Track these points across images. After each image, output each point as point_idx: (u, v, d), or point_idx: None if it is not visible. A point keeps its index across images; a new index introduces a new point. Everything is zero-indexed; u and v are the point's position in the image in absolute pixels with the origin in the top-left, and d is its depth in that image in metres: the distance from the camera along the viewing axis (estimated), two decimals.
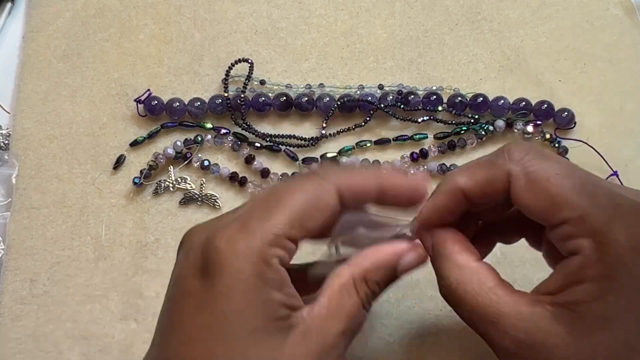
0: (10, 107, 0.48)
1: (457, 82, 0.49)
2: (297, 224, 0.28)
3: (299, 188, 0.30)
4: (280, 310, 0.28)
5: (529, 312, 0.28)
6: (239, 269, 0.27)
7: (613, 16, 0.51)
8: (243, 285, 0.27)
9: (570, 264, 0.28)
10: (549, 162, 0.29)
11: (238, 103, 0.47)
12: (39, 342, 0.43)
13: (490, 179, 0.30)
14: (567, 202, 0.27)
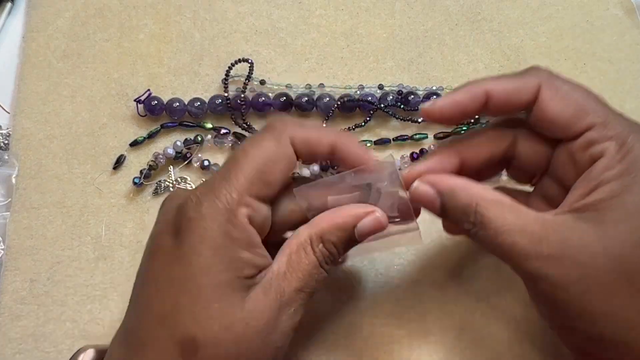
0: (10, 107, 0.48)
1: (457, 82, 0.49)
2: (257, 181, 0.30)
3: (257, 145, 0.31)
4: (247, 269, 0.29)
5: (553, 218, 0.30)
6: (206, 228, 0.29)
7: (613, 16, 0.51)
8: (210, 242, 0.29)
9: (594, 169, 0.30)
10: (570, 81, 0.32)
11: (238, 103, 0.47)
12: (39, 342, 0.43)
13: (519, 87, 0.31)
14: (593, 109, 0.31)
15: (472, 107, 0.32)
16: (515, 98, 0.32)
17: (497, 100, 0.32)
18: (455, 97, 0.32)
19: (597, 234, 0.29)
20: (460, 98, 0.32)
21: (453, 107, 0.32)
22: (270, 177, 0.30)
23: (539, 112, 0.31)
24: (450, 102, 0.32)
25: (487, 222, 0.30)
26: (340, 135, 0.33)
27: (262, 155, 0.30)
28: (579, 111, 0.31)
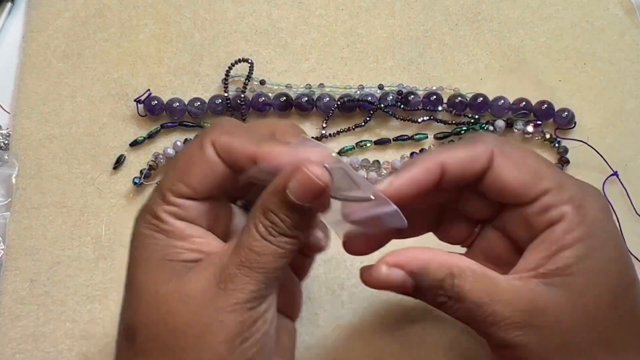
0: (10, 107, 0.48)
1: (457, 82, 0.49)
2: (177, 181, 0.30)
3: (183, 150, 0.32)
4: (186, 254, 0.30)
5: (522, 284, 0.29)
6: (140, 228, 0.31)
7: (613, 16, 0.51)
8: (142, 240, 0.30)
9: (553, 233, 0.30)
10: (518, 146, 0.32)
11: (238, 103, 0.47)
12: (39, 342, 0.43)
13: (472, 157, 0.31)
14: (547, 173, 0.30)
15: (429, 182, 0.31)
16: (470, 168, 0.31)
17: (452, 172, 0.31)
18: (413, 174, 0.31)
19: (572, 301, 0.29)
20: (416, 175, 0.31)
21: (411, 186, 0.31)
22: (191, 180, 0.30)
23: (492, 179, 0.31)
24: (406, 181, 0.31)
25: (464, 295, 0.29)
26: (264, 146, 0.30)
27: (185, 157, 0.31)
28: (533, 176, 0.30)
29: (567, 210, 0.29)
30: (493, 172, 0.31)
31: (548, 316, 0.29)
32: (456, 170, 0.31)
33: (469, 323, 0.30)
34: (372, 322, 0.43)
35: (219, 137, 0.30)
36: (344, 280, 0.44)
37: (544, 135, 0.47)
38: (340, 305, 0.43)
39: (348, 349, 0.43)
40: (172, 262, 0.30)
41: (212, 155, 0.30)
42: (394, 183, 0.31)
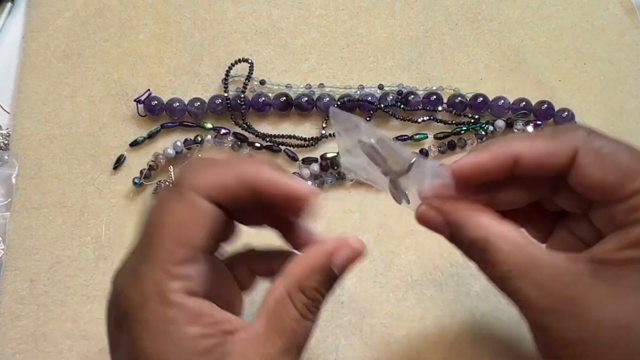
0: (10, 107, 0.48)
1: (457, 82, 0.49)
2: (179, 248, 0.27)
3: (165, 212, 0.27)
4: (203, 342, 0.26)
5: (567, 266, 0.28)
6: (141, 318, 0.26)
7: (613, 16, 0.51)
8: (151, 333, 0.26)
9: (633, 231, 0.27)
10: (612, 140, 0.29)
11: (238, 103, 0.47)
12: (39, 342, 0.43)
13: (553, 151, 0.29)
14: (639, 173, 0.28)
15: (496, 172, 0.29)
16: (547, 163, 0.29)
17: (526, 164, 0.29)
18: (479, 159, 0.29)
19: (610, 297, 0.27)
20: (485, 161, 0.29)
21: (475, 171, 0.29)
22: (190, 242, 0.27)
23: (576, 177, 0.29)
24: (471, 165, 0.29)
25: (495, 263, 0.28)
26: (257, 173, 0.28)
27: (172, 223, 0.27)
28: (622, 177, 0.28)
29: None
30: (577, 171, 0.28)
31: (578, 307, 0.27)
32: (531, 164, 0.29)
33: (499, 289, 0.29)
34: (372, 322, 0.43)
35: (195, 181, 0.28)
36: (344, 281, 0.44)
37: None
38: (340, 305, 0.43)
39: (348, 348, 0.43)
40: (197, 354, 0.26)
41: (205, 206, 0.27)
42: (458, 163, 0.30)
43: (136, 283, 0.27)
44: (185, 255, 0.27)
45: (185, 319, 0.26)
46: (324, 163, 0.46)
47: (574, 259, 0.28)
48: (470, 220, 0.29)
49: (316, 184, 0.46)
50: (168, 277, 0.26)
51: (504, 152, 0.29)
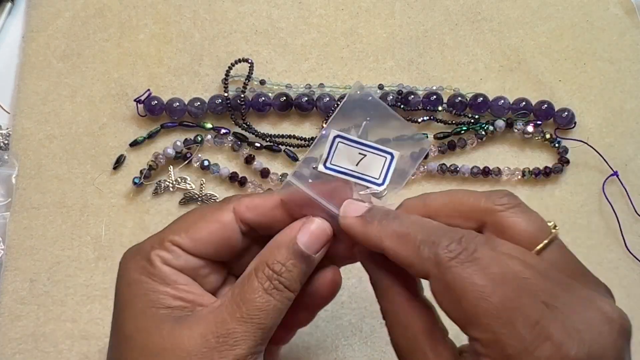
0: (10, 107, 0.48)
1: (457, 82, 0.49)
2: (182, 232, 0.30)
3: (199, 209, 0.32)
4: (170, 300, 0.29)
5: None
6: (127, 268, 0.30)
7: (613, 16, 0.51)
8: (126, 280, 0.30)
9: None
10: (476, 269, 0.25)
11: (238, 103, 0.47)
12: (39, 342, 0.43)
13: (412, 262, 0.27)
14: (482, 322, 0.25)
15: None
16: (408, 268, 0.28)
17: (392, 256, 0.28)
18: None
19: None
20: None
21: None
22: (195, 234, 0.30)
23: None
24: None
25: (391, 336, 0.29)
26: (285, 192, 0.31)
27: (197, 214, 0.31)
28: (462, 319, 0.26)
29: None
30: (431, 288, 0.27)
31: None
32: (397, 259, 0.29)
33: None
34: (372, 322, 0.43)
35: (239, 201, 0.31)
36: (344, 281, 0.44)
37: (544, 135, 0.47)
38: (340, 305, 0.43)
39: (348, 349, 0.43)
40: (158, 309, 0.29)
41: (228, 217, 0.31)
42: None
43: (141, 244, 0.31)
44: (183, 242, 0.30)
45: (161, 279, 0.30)
46: None
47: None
48: (385, 293, 0.30)
49: None
50: (160, 247, 0.30)
51: (378, 241, 0.29)
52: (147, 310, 0.29)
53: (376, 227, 0.29)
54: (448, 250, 0.26)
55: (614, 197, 0.46)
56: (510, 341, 0.24)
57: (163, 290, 0.30)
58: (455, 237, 0.26)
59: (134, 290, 0.30)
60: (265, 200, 0.32)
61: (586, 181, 0.47)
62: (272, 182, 0.47)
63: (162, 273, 0.30)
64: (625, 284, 0.45)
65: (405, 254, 0.27)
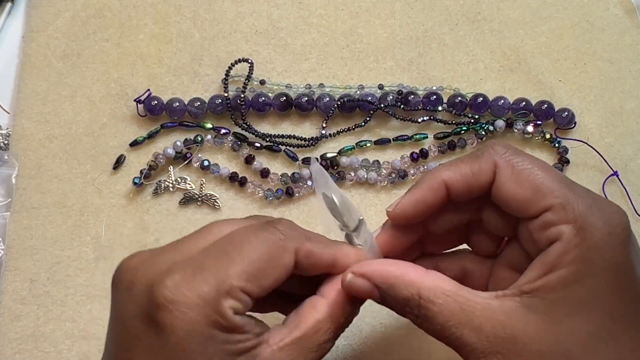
0: (10, 107, 0.48)
1: (457, 82, 0.49)
2: (252, 278, 0.28)
3: (259, 241, 0.29)
4: (241, 345, 0.28)
5: (498, 305, 0.28)
6: (190, 320, 0.26)
7: (613, 16, 0.51)
8: (197, 336, 0.26)
9: (549, 252, 0.28)
10: (529, 156, 0.30)
11: (238, 103, 0.47)
12: (39, 342, 0.43)
13: (476, 171, 0.30)
14: (551, 190, 0.29)
15: (434, 202, 0.31)
16: (474, 183, 0.30)
17: (456, 188, 0.31)
18: (416, 195, 0.31)
19: (545, 328, 0.27)
20: (421, 195, 0.31)
21: (416, 207, 0.31)
22: (265, 282, 0.28)
23: (496, 192, 0.30)
24: (412, 202, 0.31)
25: (432, 317, 0.29)
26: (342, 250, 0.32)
27: (265, 255, 0.29)
28: (535, 192, 0.29)
29: (565, 230, 0.28)
30: (496, 186, 0.30)
31: (517, 344, 0.28)
32: (461, 187, 0.31)
33: (442, 341, 0.30)
34: (372, 322, 0.43)
35: (303, 243, 0.30)
36: None
37: (544, 135, 0.47)
38: None
39: (348, 348, 0.43)
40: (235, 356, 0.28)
41: (291, 262, 0.29)
42: (400, 204, 0.32)
43: (198, 284, 0.27)
44: (252, 287, 0.28)
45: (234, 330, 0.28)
46: (324, 163, 0.46)
47: (503, 296, 0.29)
48: (399, 280, 0.30)
49: None
50: (231, 295, 0.27)
51: (435, 183, 0.31)
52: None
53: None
54: (501, 146, 0.30)
55: (614, 197, 0.46)
56: (578, 202, 0.28)
57: (237, 338, 0.28)
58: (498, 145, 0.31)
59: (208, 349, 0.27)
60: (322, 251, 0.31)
61: (586, 181, 0.47)
62: (272, 182, 0.47)
63: (235, 324, 0.27)
64: None
65: (470, 168, 0.31)
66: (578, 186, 0.30)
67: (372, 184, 0.47)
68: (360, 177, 0.47)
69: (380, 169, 0.47)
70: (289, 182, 0.46)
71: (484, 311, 0.28)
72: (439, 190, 0.31)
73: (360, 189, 0.47)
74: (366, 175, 0.46)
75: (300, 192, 0.46)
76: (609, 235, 0.28)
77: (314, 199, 0.33)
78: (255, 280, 0.28)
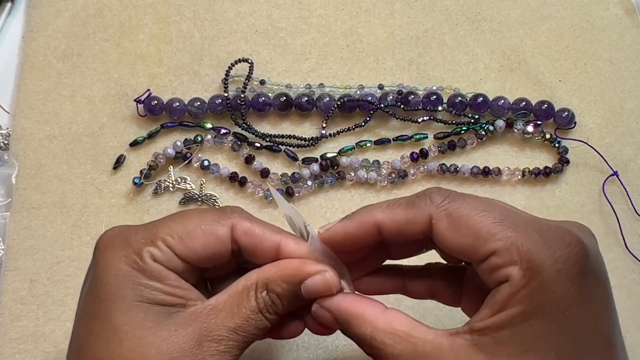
0: (10, 107, 0.48)
1: (457, 82, 0.49)
2: (179, 238, 0.31)
3: (200, 214, 0.32)
4: (159, 295, 0.30)
5: (449, 344, 0.28)
6: (113, 257, 0.30)
7: (613, 16, 0.51)
8: (114, 271, 0.30)
9: (499, 292, 0.28)
10: (468, 201, 0.29)
11: (238, 103, 0.47)
12: (39, 342, 0.43)
13: (410, 219, 0.30)
14: (492, 234, 0.28)
15: (364, 239, 0.31)
16: (407, 230, 0.30)
17: (389, 232, 0.30)
18: (347, 227, 0.31)
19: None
20: (351, 229, 0.31)
21: (344, 238, 0.31)
22: (191, 244, 0.31)
23: (437, 240, 0.30)
24: (341, 232, 0.31)
25: (383, 356, 0.29)
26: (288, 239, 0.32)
27: (194, 220, 0.31)
28: (476, 239, 0.28)
29: (512, 272, 0.27)
30: (435, 236, 0.30)
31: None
32: (394, 232, 0.30)
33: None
34: None
35: (240, 221, 0.32)
36: None
37: (544, 135, 0.47)
38: None
39: (348, 348, 0.43)
40: (150, 304, 0.30)
41: (225, 234, 0.31)
42: (330, 230, 0.32)
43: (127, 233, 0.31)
44: (178, 248, 0.31)
45: (149, 274, 0.30)
46: (324, 163, 0.46)
47: (455, 334, 0.29)
48: (356, 318, 0.30)
49: (316, 184, 0.46)
50: (151, 245, 0.30)
51: (367, 222, 0.31)
52: (138, 303, 0.30)
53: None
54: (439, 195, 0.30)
55: (614, 197, 0.46)
56: (523, 241, 0.28)
57: (155, 285, 0.30)
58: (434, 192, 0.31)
59: (123, 282, 0.30)
60: (264, 233, 0.32)
61: (586, 181, 0.47)
62: (272, 182, 0.47)
63: (152, 269, 0.30)
64: (625, 284, 0.45)
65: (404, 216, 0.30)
66: (524, 220, 0.29)
67: (372, 184, 0.47)
68: (360, 177, 0.47)
69: (380, 169, 0.47)
70: (289, 182, 0.46)
71: (433, 352, 0.28)
72: (370, 230, 0.31)
73: (360, 189, 0.47)
74: (366, 175, 0.46)
75: (300, 192, 0.46)
76: (558, 272, 0.27)
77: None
78: (182, 240, 0.31)
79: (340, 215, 0.45)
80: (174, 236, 0.31)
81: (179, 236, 0.31)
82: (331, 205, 0.46)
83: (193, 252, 0.31)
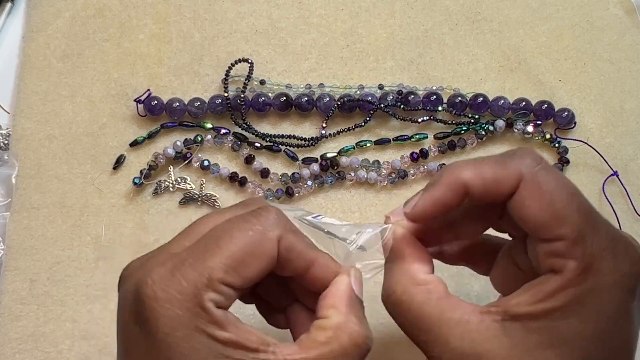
0: (10, 107, 0.48)
1: (457, 82, 0.49)
2: (232, 270, 0.27)
3: (239, 233, 0.28)
4: (229, 350, 0.27)
5: (476, 321, 0.28)
6: (173, 315, 0.26)
7: (613, 16, 0.51)
8: (181, 331, 0.26)
9: (547, 281, 0.27)
10: (558, 176, 0.28)
11: (238, 103, 0.47)
12: (39, 342, 0.43)
13: (499, 178, 0.28)
14: (570, 221, 0.27)
15: (453, 202, 0.29)
16: (495, 190, 0.28)
17: (474, 192, 0.29)
18: (434, 196, 0.29)
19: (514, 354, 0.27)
20: (439, 195, 0.29)
21: (434, 208, 0.30)
22: (246, 272, 0.27)
23: (514, 206, 0.28)
24: (429, 203, 0.30)
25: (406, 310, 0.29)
26: (321, 257, 0.30)
27: (245, 245, 0.28)
28: (553, 218, 0.27)
29: (570, 266, 0.27)
30: (516, 200, 0.28)
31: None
32: (479, 192, 0.29)
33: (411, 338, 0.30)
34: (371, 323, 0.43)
35: (287, 234, 0.29)
36: None
37: (544, 135, 0.47)
38: None
39: None
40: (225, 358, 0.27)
41: (273, 250, 0.28)
42: (418, 205, 0.30)
43: (176, 279, 0.27)
44: (233, 278, 0.27)
45: (215, 323, 0.27)
46: (324, 163, 0.46)
47: (487, 312, 0.28)
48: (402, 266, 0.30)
49: (316, 183, 0.46)
50: (211, 287, 0.27)
51: (454, 182, 0.29)
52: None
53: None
54: (531, 157, 0.28)
55: (614, 197, 0.46)
56: (592, 241, 0.27)
57: (225, 337, 0.27)
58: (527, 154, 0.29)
59: (193, 342, 0.26)
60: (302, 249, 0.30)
61: (586, 181, 0.47)
62: (272, 182, 0.47)
63: (217, 318, 0.27)
64: None
65: (492, 174, 0.28)
66: (602, 222, 0.28)
67: (372, 184, 0.47)
68: (360, 177, 0.47)
69: (380, 169, 0.47)
70: (289, 182, 0.46)
71: (456, 324, 0.28)
72: (459, 190, 0.29)
73: (360, 189, 0.47)
74: (366, 175, 0.46)
75: (300, 192, 0.46)
76: (614, 283, 0.27)
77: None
78: (235, 271, 0.27)
79: (340, 215, 0.46)
80: (230, 272, 0.27)
81: (232, 268, 0.27)
82: (331, 205, 0.46)
83: (248, 280, 0.28)
